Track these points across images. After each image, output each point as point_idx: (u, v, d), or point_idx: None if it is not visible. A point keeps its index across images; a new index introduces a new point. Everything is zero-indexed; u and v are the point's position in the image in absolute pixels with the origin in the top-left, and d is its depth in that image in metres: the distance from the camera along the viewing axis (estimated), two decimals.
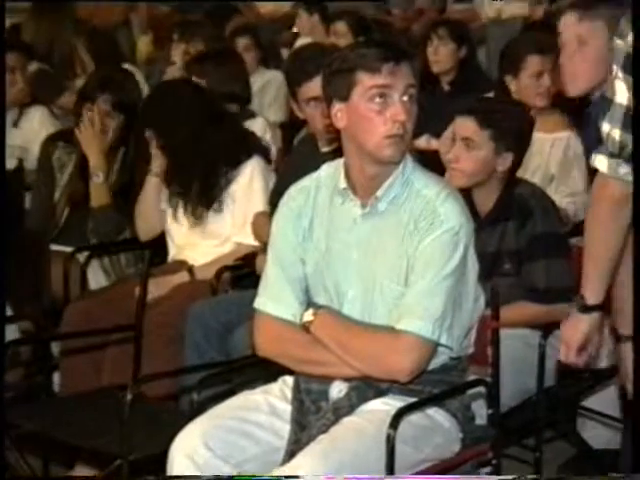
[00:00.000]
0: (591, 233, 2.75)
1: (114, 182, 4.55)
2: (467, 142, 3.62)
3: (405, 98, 2.80)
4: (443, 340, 2.80)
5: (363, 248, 2.87)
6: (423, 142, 5.50)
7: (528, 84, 4.65)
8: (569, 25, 3.47)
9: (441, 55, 5.94)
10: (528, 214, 3.58)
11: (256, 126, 4.98)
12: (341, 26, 6.55)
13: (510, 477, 3.06)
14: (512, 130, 3.63)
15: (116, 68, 5.28)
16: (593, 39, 3.42)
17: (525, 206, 3.60)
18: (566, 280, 3.54)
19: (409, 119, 2.81)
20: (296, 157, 4.20)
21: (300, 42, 7.62)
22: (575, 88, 3.49)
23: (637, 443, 2.58)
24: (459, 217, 2.82)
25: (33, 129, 5.26)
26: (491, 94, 4.92)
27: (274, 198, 3.73)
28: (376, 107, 2.80)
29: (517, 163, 3.68)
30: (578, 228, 4.36)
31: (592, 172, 4.60)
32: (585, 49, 3.44)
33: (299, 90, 3.93)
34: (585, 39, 3.43)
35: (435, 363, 2.87)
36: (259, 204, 4.15)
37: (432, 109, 5.16)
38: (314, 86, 3.76)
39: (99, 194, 4.49)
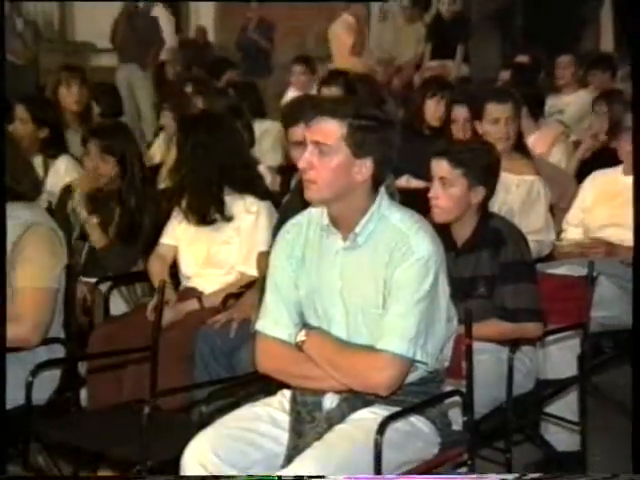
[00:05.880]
0: None
1: (118, 222, 4.53)
2: (443, 181, 3.61)
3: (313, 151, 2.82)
4: (418, 357, 2.79)
5: (346, 277, 2.87)
6: (403, 182, 5.49)
7: (488, 129, 4.66)
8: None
9: (439, 111, 5.81)
10: (502, 243, 3.57)
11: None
12: (334, 89, 6.56)
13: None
14: (481, 166, 3.62)
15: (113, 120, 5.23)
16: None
17: (499, 236, 3.59)
18: (532, 302, 3.55)
19: (313, 170, 2.80)
20: (293, 197, 4.19)
21: (290, 94, 7.68)
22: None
23: (637, 443, 2.53)
24: (429, 247, 2.80)
25: (60, 176, 5.26)
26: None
27: (275, 234, 3.73)
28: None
29: (489, 195, 3.67)
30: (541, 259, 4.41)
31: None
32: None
33: (287, 133, 3.95)
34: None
35: (414, 376, 2.87)
36: (262, 241, 4.14)
37: (412, 152, 5.17)
38: (298, 131, 3.78)
39: (96, 236, 4.50)
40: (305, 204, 3.00)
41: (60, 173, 5.32)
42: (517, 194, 4.60)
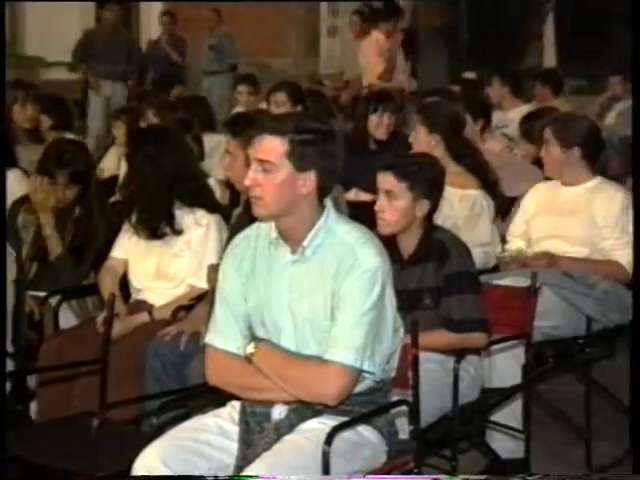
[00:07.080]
0: None
1: (71, 238, 4.50)
2: (389, 194, 3.64)
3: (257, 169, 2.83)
4: (365, 367, 2.81)
5: (294, 289, 2.88)
6: (352, 195, 5.52)
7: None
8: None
9: (384, 125, 5.85)
10: (446, 255, 3.59)
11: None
12: (280, 96, 6.57)
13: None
14: (426, 180, 3.66)
15: (70, 141, 5.20)
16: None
17: (443, 248, 3.61)
18: (477, 312, 3.58)
19: (259, 187, 2.81)
20: (244, 210, 4.20)
21: (235, 110, 7.72)
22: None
23: (637, 443, 2.53)
24: (376, 260, 2.83)
25: (9, 190, 5.21)
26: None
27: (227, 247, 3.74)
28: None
29: (433, 208, 3.70)
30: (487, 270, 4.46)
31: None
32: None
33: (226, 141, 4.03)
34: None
35: (362, 386, 2.88)
36: (212, 253, 4.14)
37: (360, 165, 5.20)
38: (231, 142, 3.92)
39: (52, 245, 4.47)
40: (254, 218, 3.01)
41: (9, 185, 5.26)
42: (460, 208, 4.64)
